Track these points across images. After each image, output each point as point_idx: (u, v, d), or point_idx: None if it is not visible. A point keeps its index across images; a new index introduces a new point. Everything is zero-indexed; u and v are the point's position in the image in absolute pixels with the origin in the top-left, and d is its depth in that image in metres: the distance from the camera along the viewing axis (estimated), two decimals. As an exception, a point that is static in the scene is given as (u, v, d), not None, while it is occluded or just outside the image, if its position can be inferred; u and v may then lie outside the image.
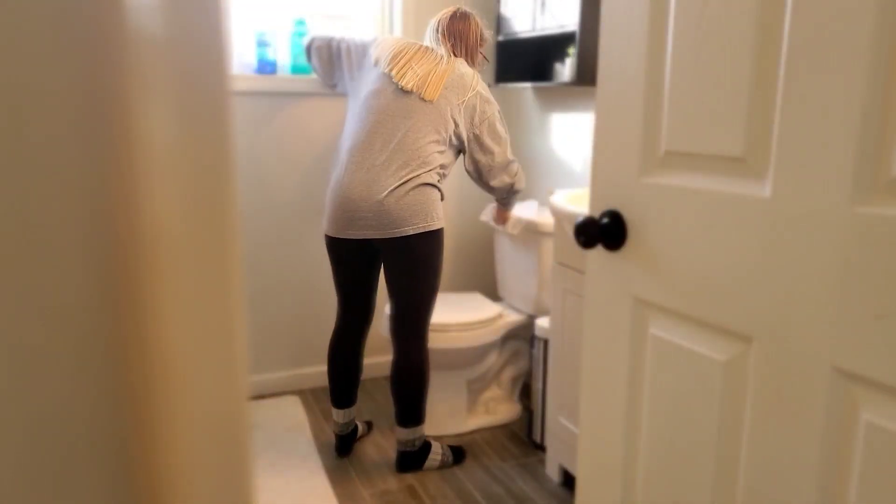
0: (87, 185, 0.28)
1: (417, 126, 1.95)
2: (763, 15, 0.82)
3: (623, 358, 1.08)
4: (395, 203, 1.91)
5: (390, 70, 2.01)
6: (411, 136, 1.94)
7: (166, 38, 0.29)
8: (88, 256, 0.29)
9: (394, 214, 1.91)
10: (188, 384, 0.32)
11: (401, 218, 1.91)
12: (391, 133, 1.95)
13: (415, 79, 1.98)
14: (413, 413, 2.07)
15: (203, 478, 0.34)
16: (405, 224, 1.92)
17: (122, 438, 0.31)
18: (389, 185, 1.91)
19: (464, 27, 2.11)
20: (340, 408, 2.17)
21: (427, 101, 1.96)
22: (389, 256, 1.99)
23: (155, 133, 0.29)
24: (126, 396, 0.30)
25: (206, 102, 0.31)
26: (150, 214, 0.29)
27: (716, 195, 0.90)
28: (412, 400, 2.06)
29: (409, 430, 2.08)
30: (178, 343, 0.31)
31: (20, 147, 0.27)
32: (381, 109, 1.98)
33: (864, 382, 0.75)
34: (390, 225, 1.92)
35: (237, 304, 0.34)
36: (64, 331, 0.29)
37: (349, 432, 2.22)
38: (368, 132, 1.98)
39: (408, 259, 1.97)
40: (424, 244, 1.96)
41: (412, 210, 1.91)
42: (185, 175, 0.31)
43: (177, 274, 0.31)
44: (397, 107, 1.97)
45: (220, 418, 0.34)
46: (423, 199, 1.93)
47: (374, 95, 2.01)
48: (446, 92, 1.98)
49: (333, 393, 2.17)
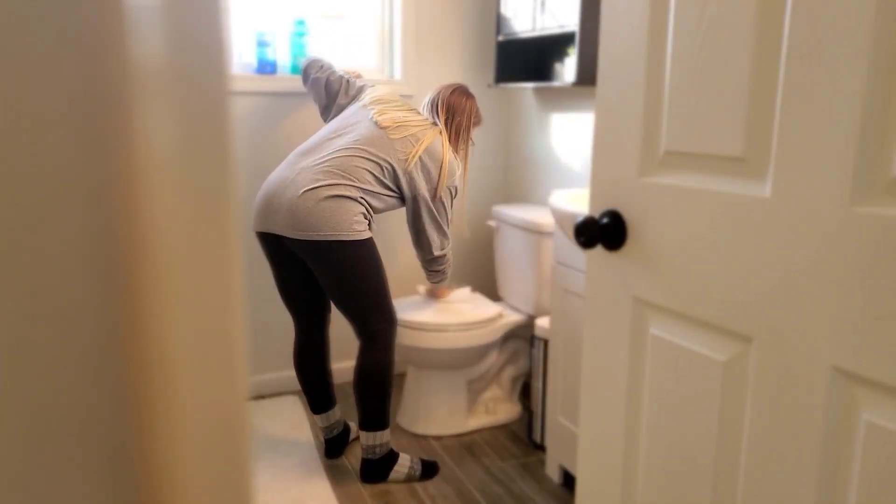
0: (87, 185, 0.28)
1: (365, 153, 1.95)
2: (763, 15, 0.82)
3: (623, 358, 1.08)
4: (304, 205, 1.87)
5: (371, 107, 2.06)
6: (352, 159, 1.93)
7: (166, 38, 0.29)
8: (88, 256, 0.29)
9: (300, 216, 1.87)
10: (188, 384, 0.32)
11: (306, 221, 1.87)
12: (334, 146, 1.97)
13: (392, 121, 2.01)
14: (373, 417, 2.02)
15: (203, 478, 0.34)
16: (310, 228, 1.87)
17: (121, 439, 0.31)
18: (303, 186, 1.89)
19: (463, 103, 2.14)
20: (318, 413, 2.16)
21: (392, 138, 1.98)
22: (309, 262, 1.96)
23: (155, 133, 0.29)
24: (126, 396, 0.30)
25: (206, 102, 0.31)
26: (149, 214, 0.29)
27: (716, 195, 0.90)
28: (371, 404, 2.01)
29: (370, 435, 2.03)
30: (178, 343, 0.31)
31: (20, 147, 0.27)
32: (340, 129, 2.02)
33: (864, 382, 0.76)
34: (296, 226, 1.88)
35: (237, 304, 0.34)
36: (64, 331, 0.29)
37: (337, 434, 2.20)
38: (314, 141, 2.01)
39: (326, 268, 1.93)
40: (339, 254, 1.90)
41: (321, 216, 1.88)
42: (185, 175, 0.31)
43: (177, 274, 0.31)
44: (359, 134, 1.98)
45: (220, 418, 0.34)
46: (337, 206, 1.88)
47: (343, 118, 2.07)
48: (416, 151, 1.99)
49: (308, 400, 2.16)
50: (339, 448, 2.21)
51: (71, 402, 0.29)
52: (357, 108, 2.10)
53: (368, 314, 1.98)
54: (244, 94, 2.43)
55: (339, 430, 2.20)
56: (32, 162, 0.27)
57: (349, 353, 2.77)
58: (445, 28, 2.70)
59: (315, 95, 2.27)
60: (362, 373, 2.01)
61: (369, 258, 1.94)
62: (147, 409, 0.31)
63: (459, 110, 2.12)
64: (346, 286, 1.94)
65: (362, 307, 1.97)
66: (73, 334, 0.29)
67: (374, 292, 1.97)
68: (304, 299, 2.10)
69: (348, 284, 1.94)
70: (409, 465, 2.09)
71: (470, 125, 2.15)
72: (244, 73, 2.44)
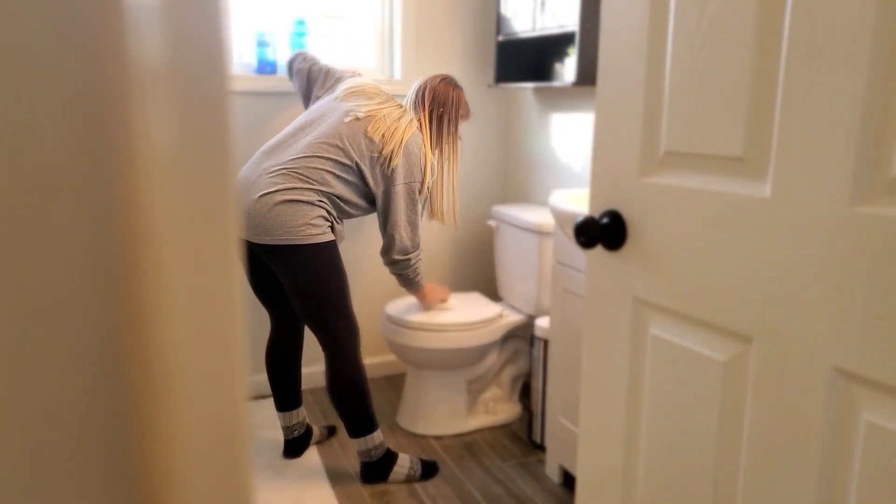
0: (87, 186, 0.28)
1: (327, 151, 1.91)
2: (763, 15, 0.82)
3: (623, 358, 1.08)
4: (260, 209, 1.86)
5: (345, 99, 2.02)
6: (311, 160, 1.90)
7: (166, 39, 0.29)
8: (88, 256, 0.29)
9: (256, 219, 1.86)
10: (188, 384, 0.32)
11: (262, 225, 1.85)
12: (296, 147, 1.94)
13: (366, 114, 1.97)
14: (357, 423, 2.00)
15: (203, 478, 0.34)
16: (265, 233, 1.86)
17: (121, 438, 0.30)
18: (261, 189, 1.87)
19: (449, 93, 2.09)
20: (282, 411, 2.15)
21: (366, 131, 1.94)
22: (273, 267, 1.94)
23: (155, 133, 0.29)
24: (126, 396, 0.30)
25: (206, 102, 0.31)
26: (149, 214, 0.29)
27: (716, 195, 0.90)
28: (350, 410, 1.99)
29: (361, 441, 2.02)
30: (177, 343, 0.31)
31: (20, 147, 0.27)
32: (302, 124, 1.99)
33: (864, 382, 0.75)
34: (254, 229, 1.87)
35: (237, 303, 0.34)
36: (63, 330, 0.29)
37: (298, 435, 2.19)
38: (279, 139, 1.98)
39: (287, 273, 1.90)
40: (296, 258, 1.87)
41: (275, 220, 1.85)
42: (185, 175, 0.31)
43: (177, 273, 0.31)
44: (324, 129, 1.95)
45: (220, 418, 0.34)
46: (292, 210, 1.86)
47: (311, 112, 2.03)
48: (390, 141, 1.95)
49: (275, 397, 2.15)
50: (299, 449, 2.20)
51: (70, 402, 0.29)
52: (328, 100, 2.06)
53: (329, 321, 1.94)
54: (244, 94, 2.43)
55: (300, 432, 2.19)
56: (32, 161, 0.27)
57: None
58: (445, 28, 2.70)
59: (297, 86, 2.25)
60: (334, 384, 1.99)
61: (329, 262, 1.91)
62: (147, 408, 0.31)
63: (446, 100, 2.08)
64: (305, 291, 1.91)
65: (323, 314, 1.93)
66: (72, 334, 0.29)
67: (336, 298, 1.93)
68: (276, 302, 2.08)
69: (308, 289, 1.91)
70: (408, 466, 2.08)
71: (457, 118, 2.11)
72: (244, 73, 2.44)
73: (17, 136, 0.27)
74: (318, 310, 1.93)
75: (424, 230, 2.80)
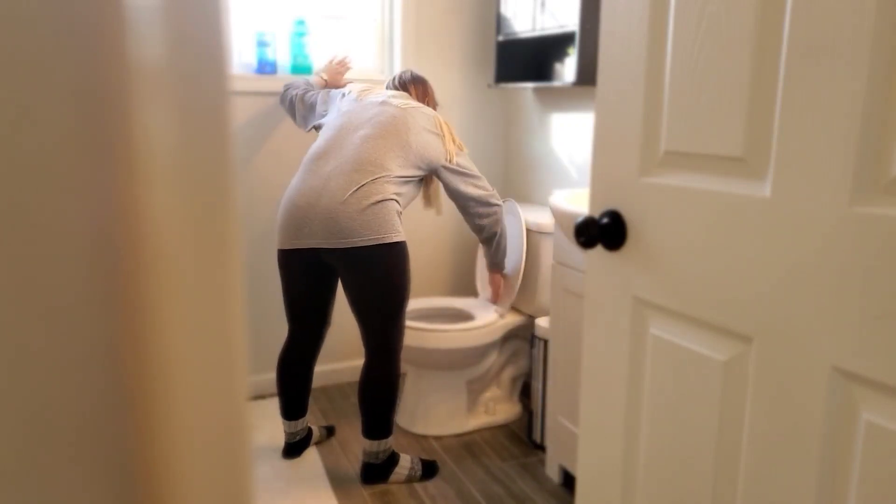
0: (87, 186, 0.28)
1: (376, 136, 1.94)
2: (763, 14, 0.82)
3: (623, 358, 1.08)
4: (345, 211, 1.84)
5: (358, 97, 2.07)
6: (369, 145, 1.92)
7: (166, 38, 0.29)
8: (88, 256, 0.29)
9: (343, 223, 1.84)
10: (188, 384, 0.32)
11: (349, 228, 1.84)
12: (346, 143, 1.95)
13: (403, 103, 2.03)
14: (379, 426, 2.01)
15: (203, 478, 0.34)
16: (355, 235, 1.84)
17: (121, 439, 0.31)
18: (341, 192, 1.86)
19: (423, 78, 2.20)
20: (290, 419, 2.15)
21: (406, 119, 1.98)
22: (343, 271, 1.92)
23: (154, 133, 0.29)
24: (125, 397, 0.30)
25: (206, 102, 0.31)
26: (149, 214, 0.29)
27: (716, 195, 0.90)
28: (377, 413, 1.99)
29: (375, 443, 2.02)
30: (177, 343, 0.31)
31: (20, 147, 0.27)
32: (343, 125, 2.00)
33: (864, 382, 0.75)
34: (338, 234, 1.85)
35: (237, 304, 0.34)
36: (62, 331, 0.29)
37: (300, 439, 2.20)
38: (327, 142, 1.98)
39: (363, 274, 1.89)
40: (380, 258, 1.87)
41: (364, 220, 1.85)
42: (185, 175, 0.31)
43: (176, 274, 0.31)
44: (373, 124, 1.97)
45: (220, 419, 0.34)
46: (379, 209, 1.86)
47: (340, 115, 2.05)
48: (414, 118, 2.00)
49: (283, 405, 2.14)
50: (298, 451, 2.21)
51: (70, 402, 0.29)
52: (348, 102, 2.08)
53: (386, 324, 1.95)
54: (244, 94, 2.43)
55: (301, 437, 2.20)
56: (32, 161, 0.27)
57: (347, 354, 2.77)
58: (445, 28, 2.70)
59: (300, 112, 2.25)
60: (371, 384, 1.99)
61: (406, 261, 1.94)
62: (146, 409, 0.31)
63: (427, 83, 2.18)
64: (377, 291, 1.91)
65: (384, 315, 1.93)
66: (71, 334, 0.29)
67: (401, 299, 1.95)
68: (313, 312, 2.07)
69: (380, 289, 1.91)
70: (409, 466, 2.08)
71: (433, 102, 2.20)
72: (244, 73, 2.44)
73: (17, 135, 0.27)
74: (381, 311, 1.93)
75: (423, 229, 2.80)
